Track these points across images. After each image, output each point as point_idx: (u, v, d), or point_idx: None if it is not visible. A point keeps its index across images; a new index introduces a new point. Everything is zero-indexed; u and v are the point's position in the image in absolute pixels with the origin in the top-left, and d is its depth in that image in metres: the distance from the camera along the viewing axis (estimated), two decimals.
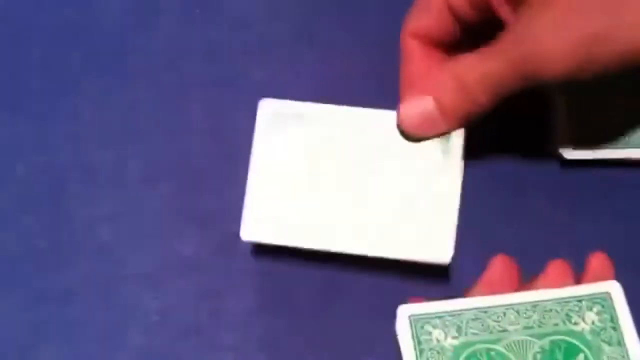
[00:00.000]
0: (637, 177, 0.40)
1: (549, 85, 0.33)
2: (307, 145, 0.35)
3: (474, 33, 0.34)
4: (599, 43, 0.30)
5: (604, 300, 0.32)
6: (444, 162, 0.34)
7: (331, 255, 0.38)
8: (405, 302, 0.31)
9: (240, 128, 0.41)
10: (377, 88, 0.42)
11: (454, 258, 0.36)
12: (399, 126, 0.34)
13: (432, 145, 0.34)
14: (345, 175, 0.34)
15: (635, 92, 0.39)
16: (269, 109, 0.37)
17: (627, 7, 0.29)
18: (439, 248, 0.34)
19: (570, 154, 0.39)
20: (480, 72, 0.31)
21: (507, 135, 0.40)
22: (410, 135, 0.34)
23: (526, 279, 0.33)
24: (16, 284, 0.38)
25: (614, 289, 0.32)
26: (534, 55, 0.30)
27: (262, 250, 0.38)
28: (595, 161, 0.39)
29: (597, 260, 0.33)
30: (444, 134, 0.34)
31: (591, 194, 0.39)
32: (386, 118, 0.35)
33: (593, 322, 0.31)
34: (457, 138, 0.34)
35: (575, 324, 0.31)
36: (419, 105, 0.33)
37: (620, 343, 0.31)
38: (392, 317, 0.31)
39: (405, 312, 0.31)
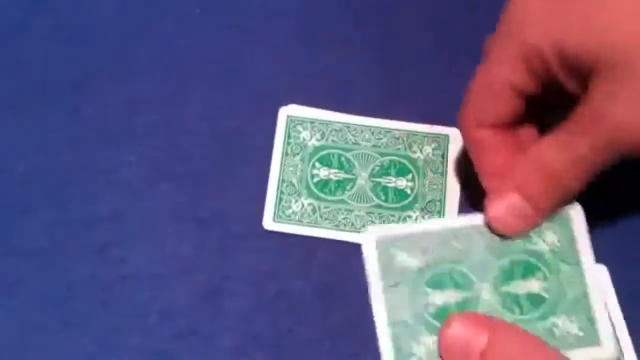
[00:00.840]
0: (636, 176, 0.40)
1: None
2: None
3: (535, 104, 0.33)
4: None
5: (565, 221, 0.32)
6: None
7: (331, 255, 0.38)
8: None
9: (241, 128, 0.41)
10: (377, 88, 0.42)
11: None
12: (490, 227, 0.33)
13: None
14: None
15: None
16: (292, 110, 0.40)
17: None
18: None
19: None
20: (569, 158, 0.30)
21: None
22: (506, 234, 0.32)
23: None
24: (16, 284, 0.38)
25: (575, 211, 0.32)
26: (622, 130, 0.28)
27: (262, 250, 0.38)
28: None
29: None
30: (537, 225, 0.33)
31: (590, 193, 0.39)
32: None
33: (553, 243, 0.32)
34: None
35: (535, 244, 0.32)
36: (507, 203, 0.32)
37: (578, 263, 0.32)
38: None
39: (371, 235, 0.32)
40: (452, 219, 0.33)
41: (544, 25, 0.29)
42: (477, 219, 0.33)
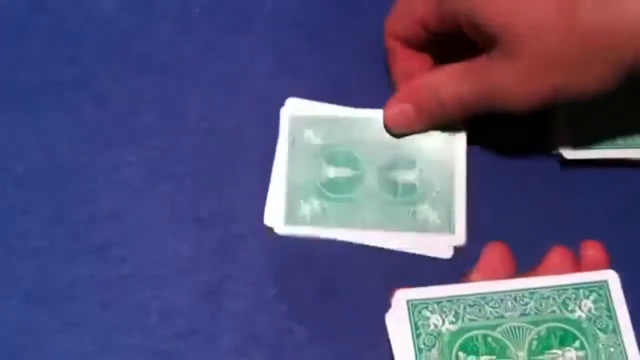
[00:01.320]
0: (636, 177, 0.40)
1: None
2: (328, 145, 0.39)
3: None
4: (558, 92, 0.34)
5: (601, 289, 0.32)
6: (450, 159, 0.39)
7: (331, 255, 0.38)
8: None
9: (241, 128, 0.41)
10: (377, 88, 0.42)
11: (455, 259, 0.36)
12: (384, 122, 0.40)
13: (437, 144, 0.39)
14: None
15: (635, 93, 0.39)
16: (294, 108, 0.40)
17: (587, 65, 0.33)
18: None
19: (570, 153, 0.39)
20: (454, 91, 0.37)
21: (507, 135, 0.40)
22: (391, 131, 0.39)
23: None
24: (16, 284, 0.37)
25: (611, 278, 0.32)
26: (502, 92, 0.35)
27: (262, 250, 0.38)
28: (595, 161, 0.39)
29: (593, 250, 0.34)
30: (418, 132, 0.39)
31: (590, 193, 0.39)
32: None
33: (589, 310, 0.32)
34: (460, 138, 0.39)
35: (572, 311, 0.32)
36: (401, 108, 0.39)
37: (615, 331, 0.31)
38: None
39: (403, 297, 0.31)
40: (486, 283, 0.32)
41: None
42: (511, 284, 0.32)
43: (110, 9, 0.44)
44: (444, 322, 0.31)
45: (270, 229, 0.38)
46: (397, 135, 0.39)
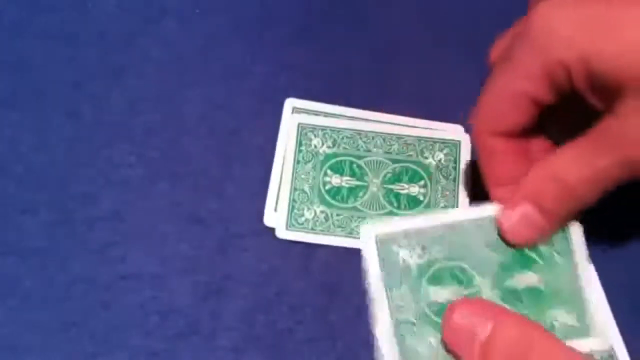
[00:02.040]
0: None
1: None
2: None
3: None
4: None
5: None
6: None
7: (331, 255, 0.38)
8: None
9: (241, 128, 0.41)
10: (377, 88, 0.42)
11: None
12: (503, 236, 0.32)
13: None
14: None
15: None
16: (301, 114, 0.40)
17: None
18: None
19: None
20: (586, 172, 0.29)
21: None
22: (517, 244, 0.32)
23: None
24: (16, 284, 0.37)
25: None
26: None
27: (262, 250, 0.38)
28: None
29: None
30: (549, 236, 0.33)
31: None
32: None
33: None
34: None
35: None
36: (519, 213, 0.32)
37: (571, 253, 0.32)
38: None
39: (371, 233, 0.32)
40: (451, 212, 0.33)
41: (571, 39, 0.28)
42: (474, 212, 0.33)
43: (110, 9, 0.44)
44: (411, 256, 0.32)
45: (272, 229, 0.38)
46: (525, 246, 0.33)
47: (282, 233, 0.38)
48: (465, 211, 0.33)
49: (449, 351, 0.30)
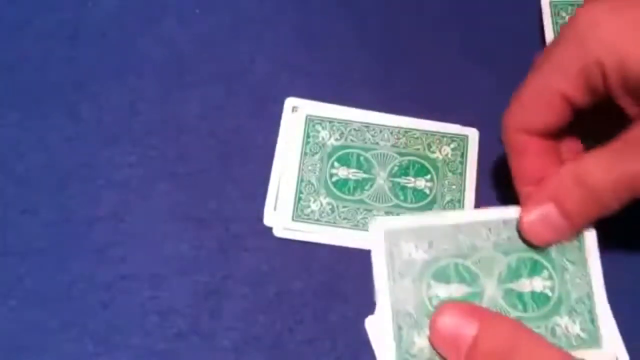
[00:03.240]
0: None
1: None
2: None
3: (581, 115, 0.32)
4: None
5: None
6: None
7: (331, 255, 0.38)
8: None
9: (240, 128, 0.41)
10: (377, 88, 0.42)
11: None
12: (522, 234, 0.33)
13: None
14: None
15: None
16: (300, 114, 0.40)
17: None
18: None
19: None
20: (614, 178, 0.29)
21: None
22: (536, 243, 0.32)
23: None
24: (16, 284, 0.37)
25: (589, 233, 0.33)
26: None
27: (262, 250, 0.38)
28: None
29: None
30: (569, 239, 0.33)
31: None
32: None
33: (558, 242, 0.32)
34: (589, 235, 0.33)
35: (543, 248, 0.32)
36: (541, 213, 0.32)
37: (584, 264, 0.32)
38: None
39: (379, 226, 0.32)
40: (462, 212, 0.33)
41: (611, 41, 0.28)
42: (486, 214, 0.33)
43: (110, 9, 0.44)
44: (417, 249, 0.32)
45: (272, 229, 0.38)
46: (544, 246, 0.33)
47: (288, 223, 0.38)
48: (477, 212, 0.34)
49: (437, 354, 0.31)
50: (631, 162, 0.29)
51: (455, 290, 0.32)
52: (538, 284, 0.32)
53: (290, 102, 0.41)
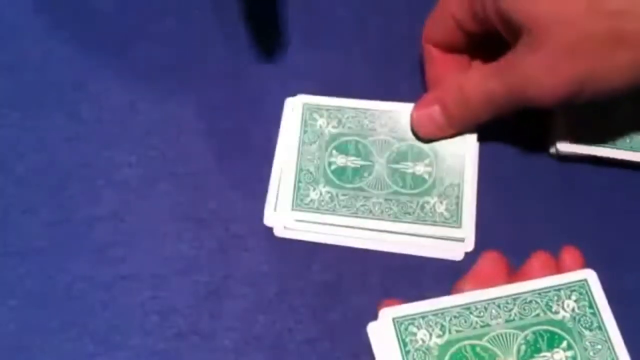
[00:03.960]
0: (635, 178, 0.40)
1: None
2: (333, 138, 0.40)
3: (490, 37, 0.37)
4: (584, 83, 0.33)
5: (582, 287, 0.32)
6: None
7: (331, 255, 0.38)
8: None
9: (241, 127, 0.41)
10: (377, 88, 0.42)
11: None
12: (412, 127, 0.39)
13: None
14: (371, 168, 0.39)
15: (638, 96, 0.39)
16: (297, 103, 0.40)
17: (614, 51, 0.32)
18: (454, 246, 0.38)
19: (566, 147, 0.39)
20: (481, 90, 0.36)
21: (507, 134, 0.40)
22: (419, 134, 0.39)
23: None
24: (16, 284, 0.37)
25: (590, 276, 0.32)
26: (528, 85, 0.34)
27: (262, 250, 0.38)
28: (592, 160, 0.39)
29: (568, 254, 0.33)
30: (450, 136, 0.39)
31: (589, 194, 0.39)
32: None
33: (573, 310, 0.32)
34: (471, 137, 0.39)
35: (556, 312, 0.32)
36: (429, 111, 0.38)
37: (601, 327, 0.31)
38: None
39: (388, 315, 0.31)
40: (469, 293, 0.32)
41: None
42: (493, 292, 0.32)
43: (110, 9, 0.44)
44: (431, 336, 0.31)
45: (272, 229, 0.38)
46: (426, 140, 0.39)
47: (288, 213, 0.38)
48: (382, 103, 0.40)
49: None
50: (496, 80, 0.35)
51: (350, 161, 0.36)
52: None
53: (290, 102, 0.41)
